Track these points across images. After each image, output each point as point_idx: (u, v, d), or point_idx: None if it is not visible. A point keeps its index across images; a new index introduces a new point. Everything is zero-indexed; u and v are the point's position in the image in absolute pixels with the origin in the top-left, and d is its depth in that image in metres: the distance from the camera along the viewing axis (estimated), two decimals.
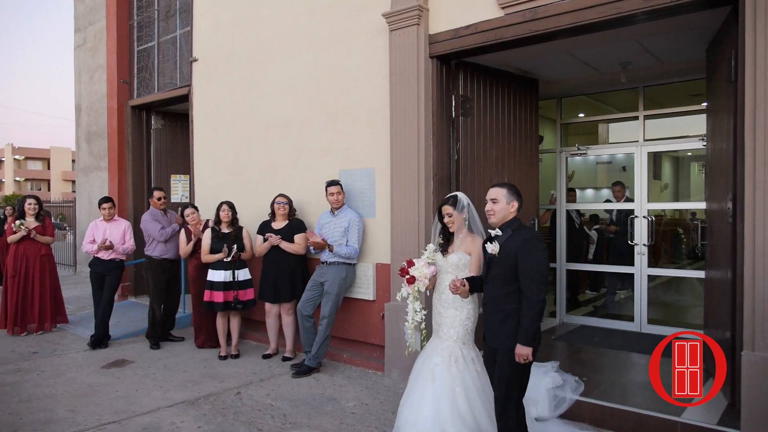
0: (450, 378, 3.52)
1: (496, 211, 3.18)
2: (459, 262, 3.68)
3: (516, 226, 3.16)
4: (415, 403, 3.56)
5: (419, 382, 3.62)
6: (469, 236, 3.74)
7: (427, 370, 3.62)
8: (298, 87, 6.11)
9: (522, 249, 3.03)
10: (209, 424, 4.11)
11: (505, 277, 3.09)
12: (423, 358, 3.72)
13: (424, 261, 3.67)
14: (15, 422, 4.16)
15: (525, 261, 3.01)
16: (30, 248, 6.79)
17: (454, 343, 3.63)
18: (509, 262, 3.06)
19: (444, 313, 3.69)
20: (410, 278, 3.62)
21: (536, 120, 6.03)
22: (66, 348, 6.28)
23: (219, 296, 5.66)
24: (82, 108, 11.24)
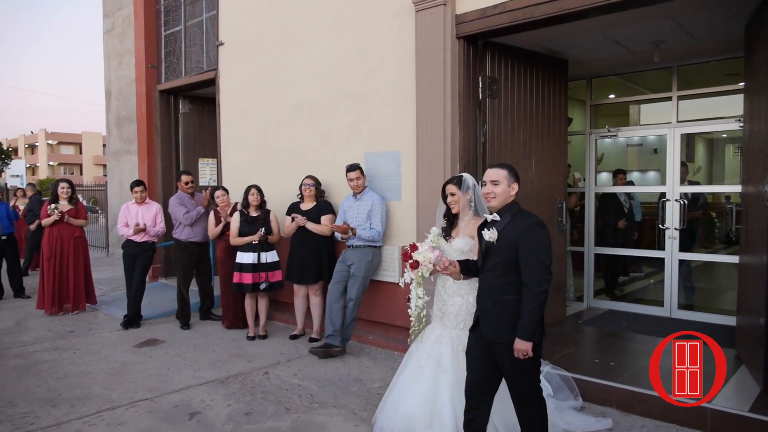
0: (460, 367, 3.38)
1: (497, 193, 2.91)
2: (464, 247, 3.50)
3: (515, 210, 2.92)
4: (421, 393, 3.42)
5: (424, 372, 3.48)
6: (474, 219, 3.52)
7: (432, 359, 3.49)
8: (324, 70, 6.10)
9: (524, 236, 2.80)
10: (238, 403, 4.19)
11: (505, 266, 2.85)
12: (424, 346, 3.57)
13: (428, 245, 3.46)
14: (53, 398, 4.31)
15: (527, 249, 2.78)
16: (64, 231, 6.98)
17: (461, 332, 3.48)
18: (509, 250, 2.82)
19: (449, 301, 3.55)
20: (413, 263, 3.41)
21: (565, 101, 5.92)
22: (100, 327, 6.46)
23: (247, 278, 5.75)
24: (111, 93, 11.42)
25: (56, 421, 3.87)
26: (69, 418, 3.94)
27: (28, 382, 4.66)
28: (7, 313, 7.06)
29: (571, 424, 3.59)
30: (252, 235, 5.72)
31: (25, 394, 4.38)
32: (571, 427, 3.57)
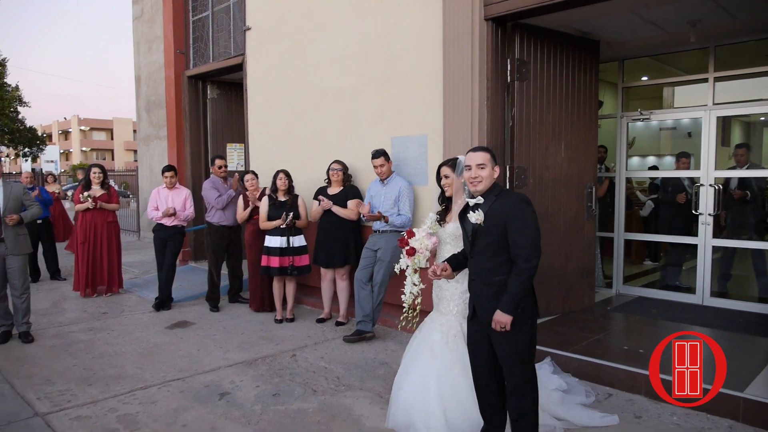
0: (450, 355, 3.35)
1: (484, 177, 2.89)
2: (456, 232, 3.39)
3: (498, 191, 2.91)
4: (418, 381, 3.38)
5: (419, 360, 3.45)
6: None
7: (426, 347, 3.46)
8: (349, 54, 6.07)
9: (511, 214, 2.79)
10: (266, 384, 4.27)
11: (495, 247, 2.83)
12: (422, 334, 3.56)
13: (425, 231, 3.42)
14: (89, 377, 4.45)
15: (514, 226, 2.78)
16: (97, 216, 7.14)
17: (453, 318, 3.44)
18: (498, 230, 2.81)
19: (444, 286, 3.48)
20: (410, 249, 3.37)
21: (596, 84, 5.79)
22: (132, 309, 6.62)
23: (275, 261, 5.82)
24: (141, 79, 11.57)
25: (92, 399, 4.00)
26: (104, 396, 4.06)
27: (65, 361, 4.81)
28: (44, 295, 7.28)
29: (573, 418, 3.49)
30: (279, 220, 5.77)
31: (63, 373, 4.53)
32: (576, 420, 3.48)
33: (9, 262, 5.23)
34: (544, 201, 5.33)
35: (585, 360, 4.30)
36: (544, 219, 5.32)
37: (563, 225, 5.50)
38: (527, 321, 2.86)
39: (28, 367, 4.66)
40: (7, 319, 5.38)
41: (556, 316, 5.46)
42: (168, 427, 3.57)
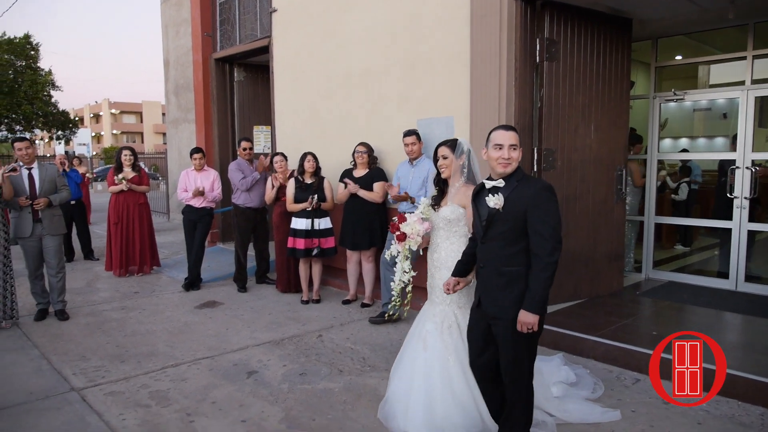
0: (443, 347, 3.20)
1: (516, 158, 2.67)
2: (450, 216, 3.27)
3: (520, 175, 2.69)
4: (406, 374, 3.28)
5: (408, 351, 3.35)
6: (465, 187, 3.29)
7: (418, 337, 3.33)
8: (375, 35, 6.03)
9: (533, 201, 2.58)
10: (293, 363, 4.33)
11: (512, 235, 2.63)
12: (416, 324, 3.44)
13: (418, 216, 3.29)
14: (122, 354, 4.58)
15: (537, 215, 2.57)
16: (129, 198, 7.30)
17: (447, 308, 3.29)
18: (517, 218, 2.61)
19: (436, 274, 3.32)
20: (400, 235, 3.26)
21: (628, 63, 5.64)
22: (163, 289, 6.77)
23: (301, 243, 5.87)
24: (169, 62, 11.69)
25: (125, 376, 4.12)
26: (136, 373, 4.18)
27: (98, 338, 4.96)
28: (78, 274, 7.49)
29: (571, 414, 3.33)
30: (306, 203, 5.81)
31: (97, 350, 4.67)
32: (570, 417, 3.31)
33: (45, 242, 5.39)
34: (573, 183, 5.25)
35: (612, 344, 4.26)
36: (572, 202, 5.25)
37: (592, 208, 5.41)
38: None
39: (63, 343, 4.82)
40: (44, 297, 5.56)
41: (583, 300, 5.41)
42: (198, 403, 3.66)
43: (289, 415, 3.48)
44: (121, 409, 3.58)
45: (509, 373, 2.77)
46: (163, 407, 3.61)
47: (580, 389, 3.62)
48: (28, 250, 5.37)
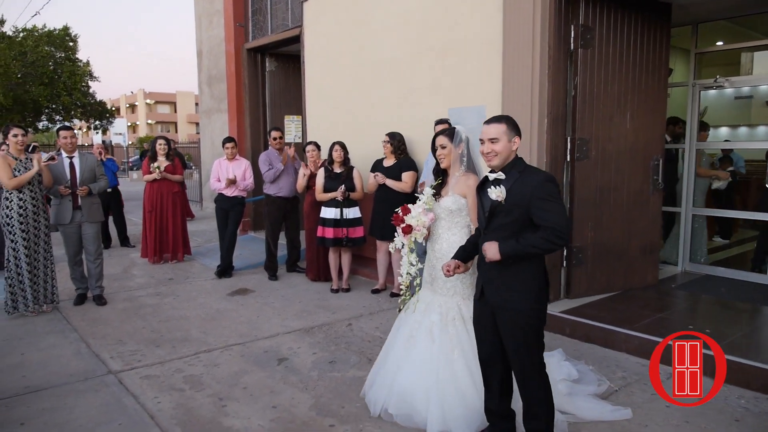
0: (448, 339, 3.17)
1: (498, 151, 2.65)
2: (452, 206, 3.23)
3: (522, 167, 2.68)
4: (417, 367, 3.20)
5: (419, 344, 3.25)
6: (465, 176, 3.26)
7: (424, 330, 3.25)
8: (406, 23, 5.98)
9: (537, 194, 2.56)
10: (323, 351, 4.37)
11: (514, 227, 2.62)
12: (417, 316, 3.34)
13: (422, 207, 3.22)
14: (157, 339, 4.70)
15: (544, 207, 2.55)
16: (164, 186, 7.45)
17: (451, 299, 3.25)
18: (519, 210, 2.60)
19: (438, 265, 3.24)
20: (406, 227, 3.17)
21: (666, 50, 5.47)
22: (196, 276, 6.91)
23: (330, 232, 5.91)
24: (203, 53, 11.83)
25: (160, 360, 4.22)
26: (171, 357, 4.28)
27: (135, 323, 5.09)
28: (115, 261, 7.69)
29: (582, 411, 3.25)
30: (335, 192, 5.83)
31: (133, 334, 4.79)
32: (582, 413, 3.23)
33: (84, 229, 5.55)
34: (607, 174, 5.14)
35: (646, 338, 4.17)
36: (606, 192, 5.15)
37: (626, 199, 5.30)
38: (535, 304, 2.67)
39: (101, 328, 4.97)
40: (83, 282, 5.73)
41: (615, 293, 5.31)
42: (230, 388, 3.73)
43: (318, 402, 3.52)
44: (157, 393, 3.67)
45: (517, 364, 2.73)
46: (196, 391, 3.69)
47: (585, 385, 3.53)
48: (68, 236, 5.53)
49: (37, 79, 13.37)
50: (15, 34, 13.93)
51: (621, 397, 3.55)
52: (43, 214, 5.31)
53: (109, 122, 17.74)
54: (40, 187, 5.30)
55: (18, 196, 5.11)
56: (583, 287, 5.17)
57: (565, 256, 5.10)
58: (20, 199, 5.11)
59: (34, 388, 3.73)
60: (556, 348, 4.19)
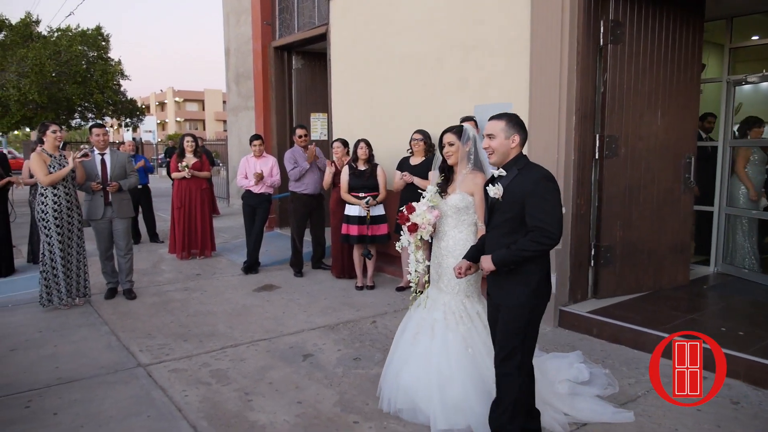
0: (451, 336, 3.18)
1: (494, 147, 2.69)
2: (459, 204, 3.24)
3: (522, 164, 2.69)
4: (419, 364, 3.22)
5: (421, 341, 3.28)
6: (472, 174, 3.27)
7: (427, 327, 3.28)
8: (432, 20, 5.95)
9: (531, 191, 2.57)
10: (348, 348, 4.39)
11: (512, 224, 2.64)
12: (423, 313, 3.37)
13: (426, 205, 3.22)
14: (185, 333, 4.77)
15: (537, 205, 2.55)
16: (192, 183, 7.57)
17: (455, 297, 3.26)
18: (516, 207, 2.62)
19: (443, 262, 3.29)
20: (411, 225, 3.18)
21: (699, 45, 5.34)
22: (223, 272, 7.00)
23: (354, 230, 5.94)
24: (230, 51, 11.95)
25: (187, 354, 4.29)
26: (198, 351, 4.34)
27: (163, 317, 5.18)
28: (144, 256, 7.84)
29: (582, 412, 3.21)
30: (359, 192, 5.88)
31: (161, 328, 4.88)
32: (581, 414, 3.20)
33: (115, 224, 5.67)
34: (637, 172, 5.05)
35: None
36: (635, 191, 5.06)
37: (656, 197, 5.19)
38: (526, 301, 2.66)
39: (131, 321, 5.07)
40: (114, 277, 5.85)
41: (645, 293, 5.21)
42: (256, 383, 3.77)
43: (343, 399, 3.54)
44: (184, 386, 3.73)
45: (498, 357, 2.75)
46: (222, 385, 3.74)
47: (591, 387, 3.50)
48: (100, 231, 5.66)
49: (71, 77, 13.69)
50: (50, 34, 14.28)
51: (650, 399, 3.49)
52: (77, 210, 5.44)
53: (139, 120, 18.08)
54: (74, 183, 5.43)
55: (53, 192, 5.24)
56: (612, 287, 5.09)
57: (593, 255, 5.03)
58: (55, 195, 5.24)
59: (67, 379, 3.83)
60: (580, 349, 4.15)
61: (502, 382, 2.75)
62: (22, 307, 5.47)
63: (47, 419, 3.31)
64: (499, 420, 2.76)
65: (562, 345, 4.39)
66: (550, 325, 4.79)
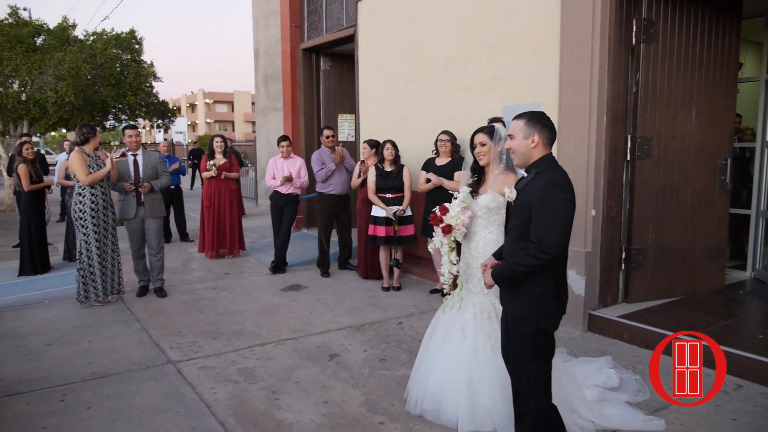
0: (481, 336, 3.16)
1: (514, 148, 2.60)
2: (491, 204, 3.21)
3: (543, 167, 2.53)
4: (447, 365, 3.20)
5: (449, 342, 3.26)
6: (504, 174, 3.23)
7: (456, 328, 3.26)
8: (461, 20, 5.92)
9: (538, 196, 2.43)
10: (374, 349, 4.39)
11: (521, 231, 2.52)
12: (453, 314, 3.33)
13: (460, 206, 3.18)
14: (213, 331, 4.84)
15: (540, 212, 2.42)
16: (221, 183, 7.69)
17: (485, 297, 3.24)
18: (524, 213, 2.50)
19: (473, 263, 3.26)
20: (446, 227, 3.14)
21: (736, 44, 5.19)
22: (251, 271, 7.07)
23: (381, 231, 5.95)
24: (259, 53, 12.10)
25: (216, 352, 4.35)
26: (226, 349, 4.40)
27: (193, 315, 5.27)
28: (175, 255, 7.98)
29: (610, 419, 3.15)
30: (386, 193, 5.91)
31: (191, 326, 4.96)
32: (608, 421, 3.14)
33: (147, 224, 5.79)
34: (670, 174, 4.94)
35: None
36: (668, 193, 4.95)
37: (690, 199, 5.07)
38: (532, 312, 2.52)
39: (162, 319, 5.16)
40: (145, 275, 5.97)
41: (678, 298, 5.09)
42: (282, 382, 3.80)
43: (369, 399, 3.54)
44: (213, 383, 3.78)
45: (510, 371, 2.66)
46: (250, 384, 3.78)
47: (621, 393, 3.43)
48: (132, 231, 5.78)
49: (105, 80, 14.02)
50: (86, 38, 14.65)
51: (683, 407, 3.40)
52: (111, 209, 5.57)
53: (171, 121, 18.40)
54: (108, 183, 5.56)
55: (90, 191, 5.38)
56: (643, 291, 4.98)
57: (624, 258, 4.94)
58: (92, 194, 5.38)
59: (100, 374, 3.92)
60: (611, 354, 4.08)
61: (521, 401, 2.65)
62: (57, 303, 5.62)
63: (81, 413, 3.39)
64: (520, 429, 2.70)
65: (591, 350, 4.32)
66: (579, 329, 4.72)
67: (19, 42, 12.97)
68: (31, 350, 4.40)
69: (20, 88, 13.04)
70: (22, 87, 12.99)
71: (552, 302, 2.53)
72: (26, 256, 6.89)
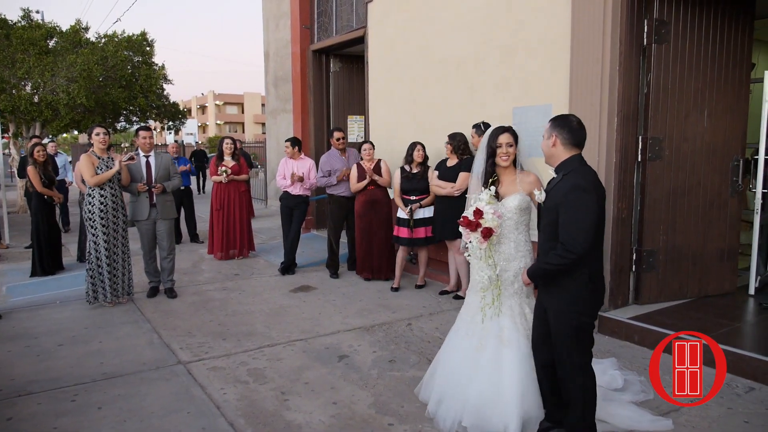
0: (524, 340, 3.12)
1: (542, 148, 2.83)
2: (522, 204, 3.16)
3: (569, 168, 2.65)
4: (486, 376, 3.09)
5: (487, 350, 3.15)
6: (524, 174, 3.22)
7: (492, 336, 3.17)
8: (472, 22, 5.91)
9: (564, 199, 2.57)
10: (383, 350, 4.39)
11: (551, 230, 2.66)
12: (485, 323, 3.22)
13: (492, 208, 3.08)
14: (223, 332, 4.86)
15: (565, 214, 2.56)
16: (231, 185, 7.73)
17: (518, 299, 3.22)
18: (552, 214, 2.65)
19: (507, 266, 3.19)
20: (485, 230, 3.03)
21: (749, 44, 5.15)
22: (261, 272, 7.10)
23: (404, 232, 6.03)
24: (269, 54, 12.14)
25: (226, 353, 4.37)
26: (236, 350, 4.42)
27: (203, 316, 5.29)
28: (185, 256, 8.02)
29: (616, 418, 3.13)
30: (411, 195, 5.95)
31: (201, 327, 4.98)
32: (616, 420, 3.12)
33: (158, 225, 5.82)
34: (681, 175, 4.90)
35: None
36: (680, 194, 4.91)
37: (702, 201, 5.02)
38: (572, 306, 2.67)
39: (172, 320, 5.19)
40: (156, 276, 6.01)
41: (689, 299, 5.05)
42: (292, 383, 3.81)
43: (378, 401, 3.54)
44: (222, 384, 3.80)
45: (559, 363, 2.78)
46: (260, 384, 3.80)
47: (624, 393, 3.43)
48: (144, 232, 5.82)
49: (117, 82, 14.15)
50: (98, 40, 14.79)
51: (694, 409, 3.37)
52: (122, 211, 5.61)
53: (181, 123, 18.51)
54: (119, 184, 5.60)
55: (99, 192, 5.42)
56: (654, 293, 4.95)
57: (635, 260, 4.90)
58: (101, 196, 5.42)
59: (111, 375, 3.95)
60: (622, 356, 4.05)
61: (566, 385, 2.77)
62: (69, 304, 5.67)
63: (92, 413, 3.42)
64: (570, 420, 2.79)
65: (602, 352, 4.29)
66: None
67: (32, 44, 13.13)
68: (42, 351, 4.45)
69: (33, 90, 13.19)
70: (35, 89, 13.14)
71: (588, 296, 2.67)
72: (37, 257, 6.96)
